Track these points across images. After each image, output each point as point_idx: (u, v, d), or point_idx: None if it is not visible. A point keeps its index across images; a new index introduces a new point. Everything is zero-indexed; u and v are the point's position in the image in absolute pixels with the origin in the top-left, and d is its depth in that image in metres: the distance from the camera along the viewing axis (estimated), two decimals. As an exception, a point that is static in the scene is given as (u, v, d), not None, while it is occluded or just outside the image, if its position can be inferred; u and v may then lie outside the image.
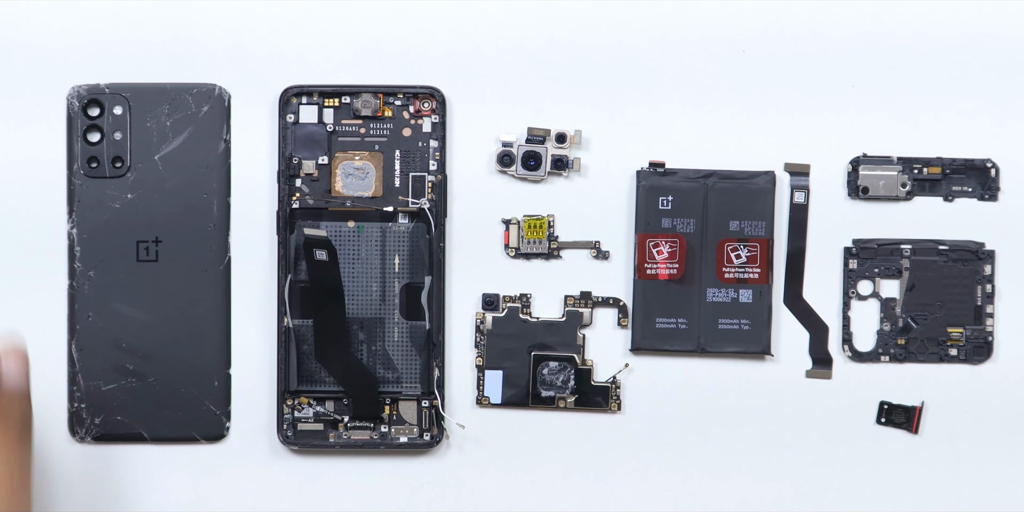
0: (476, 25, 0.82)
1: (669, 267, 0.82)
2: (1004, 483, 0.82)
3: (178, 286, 0.74)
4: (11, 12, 0.80)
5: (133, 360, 0.74)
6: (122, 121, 0.74)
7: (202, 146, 0.74)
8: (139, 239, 0.73)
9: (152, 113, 0.74)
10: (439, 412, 0.82)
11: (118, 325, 0.73)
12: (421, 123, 0.82)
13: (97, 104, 0.72)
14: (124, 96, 0.73)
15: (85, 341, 0.74)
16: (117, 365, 0.74)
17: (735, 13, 0.82)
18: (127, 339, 0.74)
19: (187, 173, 0.74)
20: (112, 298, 0.73)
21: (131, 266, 0.73)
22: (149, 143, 0.74)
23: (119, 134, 0.73)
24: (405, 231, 0.81)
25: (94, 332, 0.74)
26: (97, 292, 0.73)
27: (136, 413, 0.75)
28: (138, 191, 0.73)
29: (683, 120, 0.82)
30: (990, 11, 0.82)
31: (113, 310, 0.73)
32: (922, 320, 0.83)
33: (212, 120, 0.73)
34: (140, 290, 0.74)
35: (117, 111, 0.73)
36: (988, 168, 0.83)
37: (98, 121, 0.73)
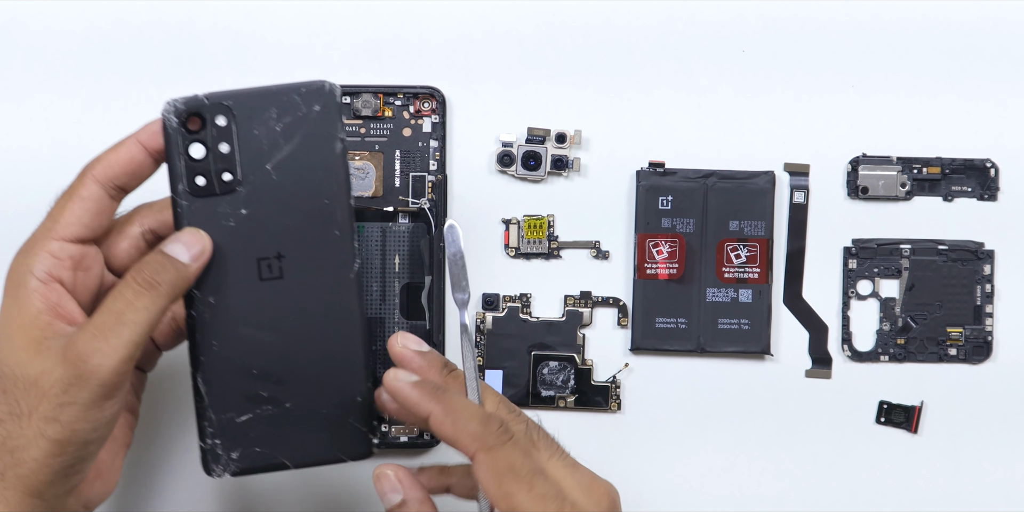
0: (476, 25, 0.82)
1: (669, 267, 0.82)
2: (1004, 483, 0.83)
3: (308, 301, 0.68)
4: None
5: (267, 386, 0.67)
6: (227, 132, 0.67)
7: (317, 148, 0.67)
8: (259, 257, 0.67)
9: (259, 119, 0.67)
10: (439, 412, 0.82)
11: (246, 351, 0.67)
12: (421, 123, 0.82)
13: (198, 117, 0.66)
14: (226, 105, 0.66)
15: (212, 372, 0.67)
16: (250, 394, 0.67)
17: (735, 13, 0.82)
18: (257, 365, 0.67)
19: (304, 179, 0.67)
20: (237, 323, 0.67)
21: (254, 286, 0.67)
22: (259, 152, 0.67)
23: (225, 146, 0.66)
24: (405, 231, 0.81)
25: (221, 361, 0.67)
26: (220, 318, 0.67)
27: (276, 442, 0.68)
28: (252, 205, 0.67)
29: (683, 120, 0.82)
30: (990, 11, 0.82)
31: (239, 335, 0.67)
32: (921, 320, 0.83)
33: (325, 119, 0.67)
34: (267, 310, 0.67)
35: (220, 122, 0.66)
36: (988, 168, 0.83)
37: (200, 135, 0.66)
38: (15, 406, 0.62)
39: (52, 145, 0.81)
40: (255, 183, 0.66)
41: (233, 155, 0.66)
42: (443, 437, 0.63)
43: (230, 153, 0.66)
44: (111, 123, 0.81)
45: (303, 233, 0.66)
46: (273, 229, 0.66)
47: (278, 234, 0.66)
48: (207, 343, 0.65)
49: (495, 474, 0.62)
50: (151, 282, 0.63)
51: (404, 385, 0.64)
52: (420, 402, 0.63)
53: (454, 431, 0.63)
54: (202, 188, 0.66)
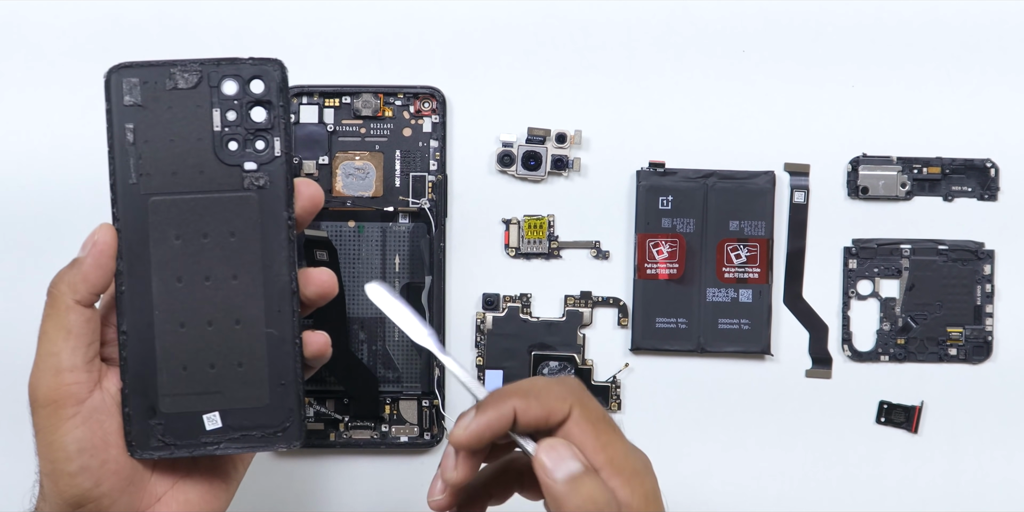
0: (476, 25, 0.82)
1: (669, 267, 0.82)
2: (1004, 483, 0.83)
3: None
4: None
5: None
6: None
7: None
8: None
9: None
10: (439, 412, 0.82)
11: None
12: (421, 123, 0.82)
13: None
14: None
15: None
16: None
17: (735, 13, 0.82)
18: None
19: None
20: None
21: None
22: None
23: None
24: (405, 231, 0.81)
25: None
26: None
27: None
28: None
29: (683, 120, 0.82)
30: (990, 11, 0.82)
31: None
32: (922, 320, 0.83)
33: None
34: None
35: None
36: (988, 168, 0.83)
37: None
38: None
39: (50, 142, 0.81)
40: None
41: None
42: (536, 419, 0.61)
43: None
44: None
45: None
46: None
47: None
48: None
49: (592, 424, 0.61)
50: (48, 290, 0.63)
51: (474, 422, 0.61)
52: (499, 411, 0.61)
53: (543, 404, 0.61)
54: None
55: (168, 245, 0.64)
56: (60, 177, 0.82)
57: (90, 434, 0.62)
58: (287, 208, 0.64)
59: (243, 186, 0.64)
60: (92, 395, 0.63)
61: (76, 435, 0.62)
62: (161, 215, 0.64)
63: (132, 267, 0.64)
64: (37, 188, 0.81)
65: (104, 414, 0.63)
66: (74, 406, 0.62)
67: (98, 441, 0.62)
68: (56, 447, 0.62)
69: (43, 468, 0.62)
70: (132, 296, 0.64)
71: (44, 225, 0.81)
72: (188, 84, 0.64)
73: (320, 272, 0.65)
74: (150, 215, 0.64)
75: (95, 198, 0.81)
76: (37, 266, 0.81)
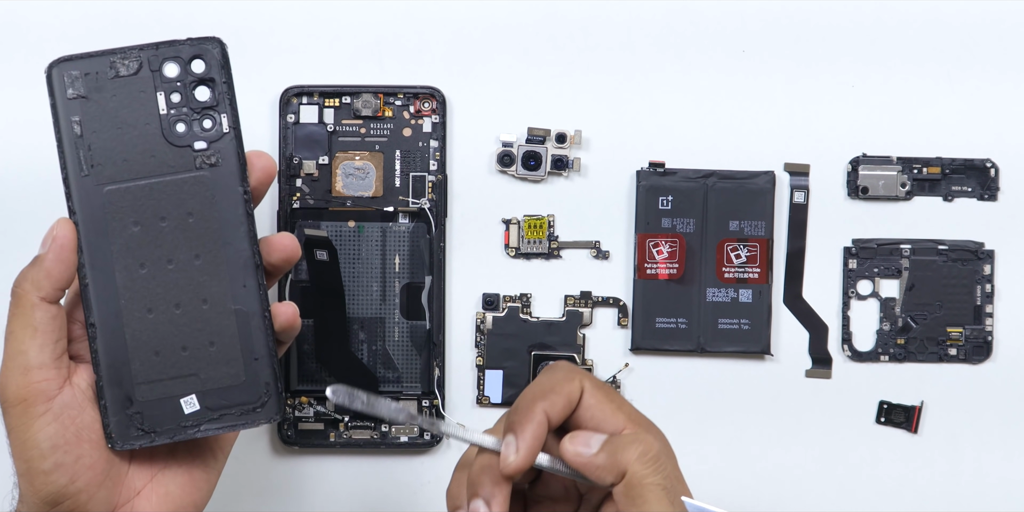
0: (476, 25, 0.82)
1: (669, 267, 0.82)
2: (1004, 483, 0.83)
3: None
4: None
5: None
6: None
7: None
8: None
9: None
10: (439, 412, 0.82)
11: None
12: (421, 123, 0.82)
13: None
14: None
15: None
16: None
17: (735, 13, 0.82)
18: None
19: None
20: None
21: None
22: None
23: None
24: (405, 231, 0.81)
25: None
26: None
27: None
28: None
29: (683, 120, 0.82)
30: (990, 11, 0.82)
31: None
32: (921, 320, 0.83)
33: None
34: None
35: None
36: (988, 168, 0.83)
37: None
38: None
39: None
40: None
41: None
42: (563, 410, 0.61)
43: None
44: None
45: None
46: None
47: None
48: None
49: (603, 391, 0.62)
50: (12, 289, 0.63)
51: (518, 450, 0.61)
52: (533, 420, 0.60)
53: (561, 393, 0.61)
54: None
55: (127, 233, 0.64)
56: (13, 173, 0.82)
57: (62, 430, 0.62)
58: (242, 183, 0.64)
59: (195, 166, 0.64)
60: (62, 391, 0.63)
61: (48, 432, 0.62)
62: (117, 204, 0.64)
63: (94, 259, 0.64)
64: (31, 187, 0.82)
65: (75, 409, 0.63)
66: (44, 403, 0.62)
67: (71, 437, 0.62)
68: (29, 445, 0.62)
69: (18, 468, 0.62)
70: (97, 287, 0.64)
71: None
72: (129, 71, 0.64)
73: (281, 237, 0.66)
74: (106, 205, 0.64)
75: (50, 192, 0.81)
76: None
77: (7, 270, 0.81)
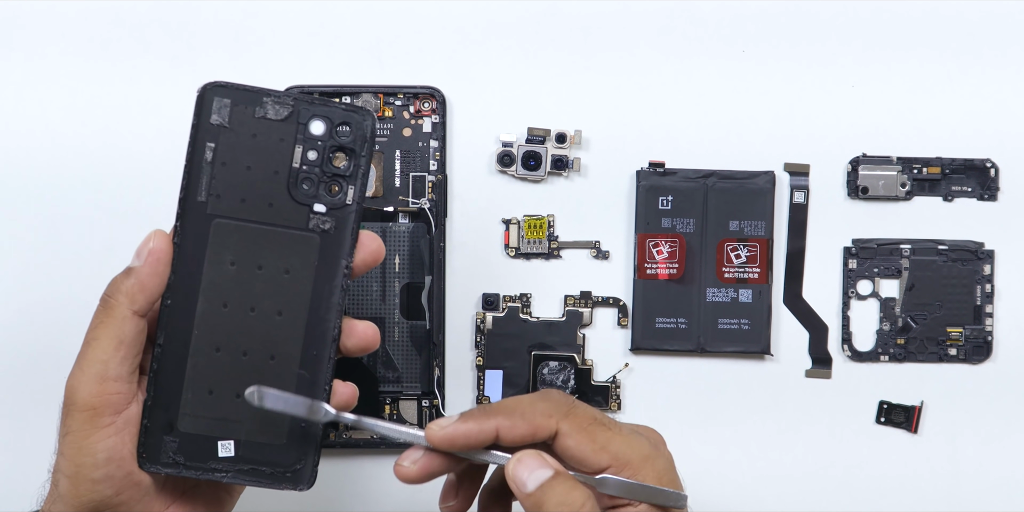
0: (476, 25, 0.82)
1: (669, 267, 0.82)
2: (1004, 483, 0.83)
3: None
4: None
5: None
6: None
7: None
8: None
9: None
10: (439, 412, 0.82)
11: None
12: (421, 123, 0.82)
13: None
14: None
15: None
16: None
17: (735, 13, 0.82)
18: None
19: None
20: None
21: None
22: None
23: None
24: (405, 231, 0.81)
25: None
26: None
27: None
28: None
29: (683, 120, 0.82)
30: (990, 11, 0.82)
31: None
32: (921, 320, 0.83)
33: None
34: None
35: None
36: (988, 168, 0.83)
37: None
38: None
39: (51, 141, 0.82)
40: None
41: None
42: (521, 437, 0.62)
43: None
44: (106, 111, 0.81)
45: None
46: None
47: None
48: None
49: (584, 431, 0.62)
50: (104, 296, 0.63)
51: (452, 425, 0.62)
52: (481, 425, 0.62)
53: (528, 421, 0.62)
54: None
55: (222, 269, 0.64)
56: (57, 176, 0.82)
57: (120, 445, 0.62)
58: (347, 256, 0.64)
59: (308, 226, 0.64)
60: (130, 406, 0.63)
61: (108, 444, 0.62)
62: (222, 238, 0.64)
63: (182, 282, 0.63)
64: (32, 185, 0.81)
65: (136, 426, 0.63)
66: (112, 415, 0.62)
67: (127, 453, 0.63)
68: (85, 452, 0.62)
69: (65, 469, 0.62)
70: (175, 311, 0.63)
71: (41, 224, 0.81)
72: (277, 115, 0.64)
73: (366, 326, 0.65)
74: (211, 236, 0.63)
75: (85, 191, 0.81)
76: (37, 265, 0.81)
77: (6, 268, 0.82)
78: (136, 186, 0.81)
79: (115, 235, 0.81)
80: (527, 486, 0.61)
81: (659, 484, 0.62)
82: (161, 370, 0.64)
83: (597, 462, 0.62)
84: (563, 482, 0.61)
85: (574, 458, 0.62)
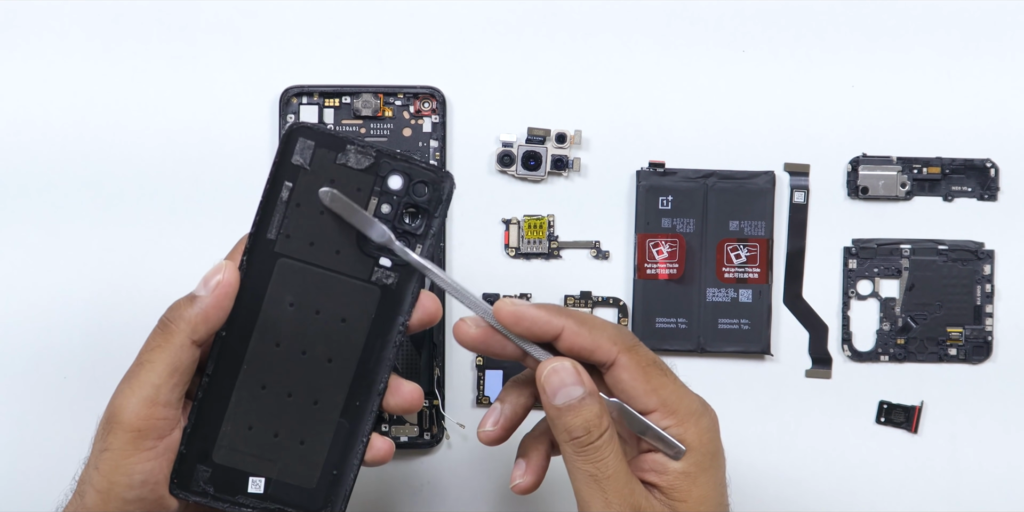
0: (476, 25, 0.82)
1: (669, 267, 0.82)
2: (1004, 483, 0.83)
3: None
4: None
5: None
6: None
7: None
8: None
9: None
10: (439, 412, 0.82)
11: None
12: (421, 123, 0.82)
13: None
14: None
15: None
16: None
17: (735, 13, 0.82)
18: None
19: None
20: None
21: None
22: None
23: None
24: (405, 231, 0.81)
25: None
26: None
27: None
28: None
29: (683, 120, 0.82)
30: (990, 10, 0.82)
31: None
32: (921, 320, 0.83)
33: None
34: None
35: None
36: (988, 168, 0.83)
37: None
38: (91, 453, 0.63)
39: (50, 141, 0.82)
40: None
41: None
42: (578, 348, 0.63)
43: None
44: (103, 105, 0.81)
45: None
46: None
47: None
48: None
49: (642, 370, 0.63)
50: (164, 320, 0.63)
51: (524, 306, 0.63)
52: (551, 318, 0.63)
53: (592, 337, 0.63)
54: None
55: (280, 308, 0.64)
56: (57, 176, 0.82)
57: (158, 469, 0.63)
58: (405, 313, 0.64)
59: (371, 278, 0.64)
60: (173, 433, 0.63)
61: (146, 467, 0.62)
62: (285, 277, 0.64)
63: (239, 317, 0.64)
64: (32, 185, 0.81)
65: (175, 452, 0.64)
66: (155, 440, 0.62)
67: (162, 477, 0.63)
68: (122, 472, 0.62)
69: (97, 484, 0.62)
70: (229, 343, 0.64)
71: (41, 223, 0.81)
72: (358, 165, 0.64)
73: (412, 388, 0.65)
74: (275, 274, 0.64)
75: (85, 190, 0.81)
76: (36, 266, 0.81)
77: (6, 268, 0.82)
78: (136, 186, 0.81)
79: (115, 234, 0.81)
80: (556, 398, 0.63)
81: (699, 442, 0.63)
82: (206, 400, 0.64)
83: (645, 403, 0.63)
84: (592, 405, 0.62)
85: (624, 392, 0.63)
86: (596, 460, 0.62)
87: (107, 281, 0.81)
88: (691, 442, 0.63)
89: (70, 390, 0.81)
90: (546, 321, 0.63)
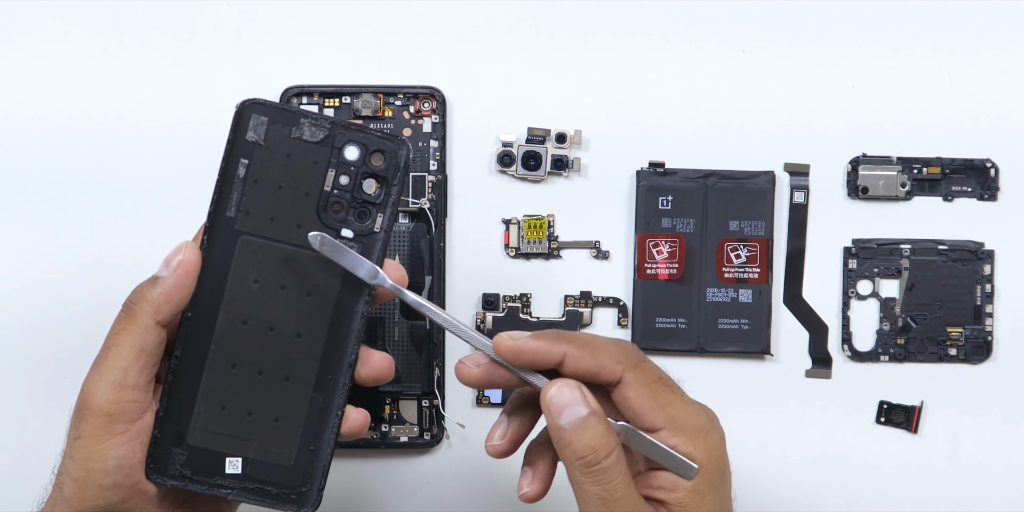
0: (476, 25, 0.82)
1: (669, 267, 0.82)
2: (1004, 483, 0.83)
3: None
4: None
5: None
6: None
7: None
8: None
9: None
10: (439, 412, 0.82)
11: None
12: (421, 123, 0.82)
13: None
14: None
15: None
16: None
17: (735, 12, 0.82)
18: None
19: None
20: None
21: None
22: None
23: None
24: (405, 231, 0.81)
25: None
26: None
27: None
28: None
29: (683, 120, 0.82)
30: (990, 10, 0.82)
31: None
32: (921, 320, 0.83)
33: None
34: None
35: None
36: (988, 168, 0.83)
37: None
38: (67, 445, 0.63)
39: (49, 138, 0.82)
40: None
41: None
42: (584, 371, 0.63)
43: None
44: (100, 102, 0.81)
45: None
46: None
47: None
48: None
49: (648, 387, 0.63)
50: (128, 303, 0.63)
51: (523, 339, 0.63)
52: (551, 347, 0.62)
53: (595, 359, 0.63)
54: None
55: (245, 286, 0.64)
56: (57, 175, 0.82)
57: (132, 453, 0.62)
58: (370, 284, 0.64)
59: None
60: (144, 416, 0.63)
61: (119, 451, 0.62)
62: (247, 255, 0.64)
63: (204, 297, 0.64)
64: (32, 185, 0.81)
65: (149, 436, 0.63)
66: (127, 423, 0.62)
67: (136, 462, 0.63)
68: (96, 458, 0.62)
69: (73, 472, 0.62)
70: (195, 324, 0.64)
71: (41, 223, 0.81)
72: (313, 138, 0.64)
73: (382, 358, 0.65)
74: (237, 252, 0.64)
75: (85, 190, 0.81)
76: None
77: (6, 268, 0.82)
78: (136, 186, 0.81)
79: (115, 234, 0.81)
80: (560, 418, 0.62)
81: (708, 459, 0.63)
82: (176, 382, 0.64)
83: (652, 420, 0.62)
84: (597, 425, 0.62)
85: (631, 410, 0.63)
86: (604, 482, 0.62)
87: (107, 281, 0.81)
88: (700, 460, 0.63)
89: (70, 390, 0.81)
90: (547, 351, 0.62)
